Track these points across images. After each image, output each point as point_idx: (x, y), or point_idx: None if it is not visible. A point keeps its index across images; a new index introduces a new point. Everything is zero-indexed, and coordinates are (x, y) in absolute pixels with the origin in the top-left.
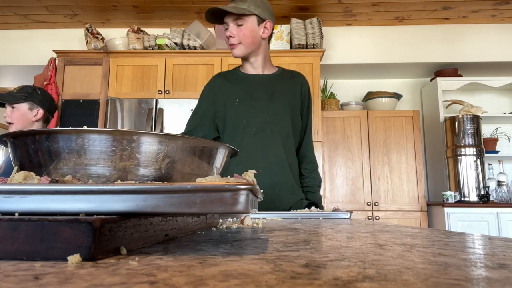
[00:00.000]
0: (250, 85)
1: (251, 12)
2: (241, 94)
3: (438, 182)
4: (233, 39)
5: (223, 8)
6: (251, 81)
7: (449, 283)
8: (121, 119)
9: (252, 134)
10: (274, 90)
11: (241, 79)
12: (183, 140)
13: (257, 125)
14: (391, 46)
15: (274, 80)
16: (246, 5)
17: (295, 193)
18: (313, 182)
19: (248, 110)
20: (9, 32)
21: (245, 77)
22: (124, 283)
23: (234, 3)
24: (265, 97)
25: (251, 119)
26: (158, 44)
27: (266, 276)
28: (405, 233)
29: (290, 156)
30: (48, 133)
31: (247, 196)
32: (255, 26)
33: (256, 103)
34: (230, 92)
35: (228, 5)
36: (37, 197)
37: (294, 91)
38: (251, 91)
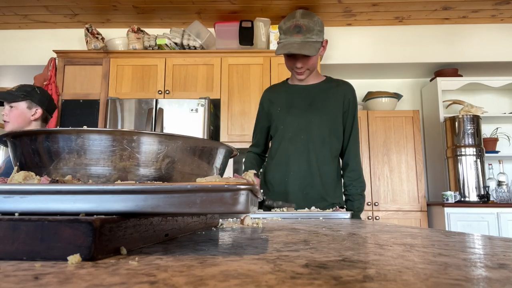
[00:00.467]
0: (291, 95)
1: (320, 41)
2: (283, 103)
3: (438, 182)
4: (303, 68)
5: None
6: (293, 91)
7: (449, 283)
8: (121, 119)
9: (288, 139)
10: (314, 99)
11: (285, 90)
12: (183, 140)
13: (292, 130)
14: (391, 46)
15: (316, 89)
16: (315, 35)
17: (324, 198)
18: (354, 190)
19: (286, 117)
20: (9, 32)
21: (289, 87)
22: (124, 283)
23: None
24: (303, 105)
25: (288, 125)
26: (158, 44)
27: (266, 276)
28: (405, 233)
29: (322, 162)
30: (48, 133)
31: (247, 196)
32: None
33: (294, 110)
34: (274, 103)
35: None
36: (37, 197)
37: (335, 100)
38: (291, 100)
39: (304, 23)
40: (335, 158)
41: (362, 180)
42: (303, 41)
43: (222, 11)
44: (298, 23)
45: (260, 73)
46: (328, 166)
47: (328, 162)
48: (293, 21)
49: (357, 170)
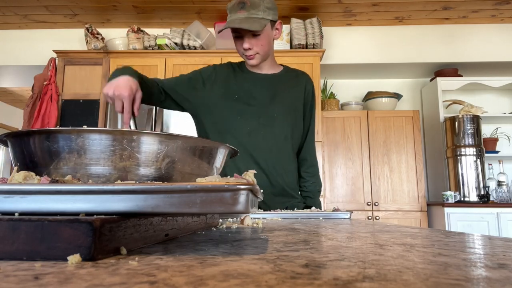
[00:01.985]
0: (252, 84)
1: (267, 20)
2: (241, 91)
3: (438, 182)
4: (252, 50)
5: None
6: (254, 80)
7: (449, 283)
8: (121, 119)
9: (246, 133)
10: (276, 92)
11: (245, 76)
12: (183, 140)
13: (252, 125)
14: (391, 46)
15: (277, 80)
16: (261, 12)
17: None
18: (313, 187)
19: (245, 109)
20: (9, 32)
21: (249, 75)
22: (124, 283)
23: (246, 11)
24: (265, 98)
25: (247, 118)
26: (158, 44)
27: (266, 276)
28: (405, 233)
29: (284, 160)
30: (48, 133)
31: (247, 196)
32: (270, 32)
33: (255, 102)
34: (231, 85)
35: (237, 13)
36: (37, 197)
37: (297, 92)
38: (252, 90)
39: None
40: (295, 155)
41: (319, 177)
42: (246, 17)
43: (222, 11)
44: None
45: None
46: (290, 163)
47: (290, 159)
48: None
49: (316, 166)
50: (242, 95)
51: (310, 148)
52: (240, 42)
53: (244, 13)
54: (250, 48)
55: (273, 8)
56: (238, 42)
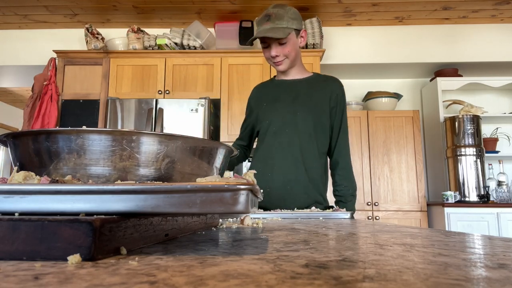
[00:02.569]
0: (277, 90)
1: (291, 29)
2: (269, 98)
3: (438, 182)
4: (279, 57)
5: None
6: (279, 86)
7: (449, 283)
8: (121, 119)
9: (273, 133)
10: (299, 93)
11: (272, 86)
12: (183, 140)
13: (277, 125)
14: (391, 46)
15: (302, 83)
16: (285, 22)
17: (309, 194)
18: (346, 191)
19: (271, 112)
20: (9, 32)
21: (277, 83)
22: (124, 283)
23: (271, 23)
24: (288, 99)
25: (273, 119)
26: (158, 44)
27: (266, 276)
28: (405, 233)
29: (308, 156)
30: (48, 133)
31: (247, 196)
32: (295, 40)
33: (279, 104)
34: (261, 99)
35: (263, 25)
36: (37, 197)
37: (322, 94)
38: (277, 94)
39: (273, 12)
40: (323, 155)
41: (353, 180)
42: (271, 27)
43: (222, 11)
44: (268, 12)
45: (260, 73)
46: (314, 161)
47: (315, 157)
48: (264, 12)
49: (348, 168)
50: (269, 101)
51: (342, 150)
52: (268, 51)
53: (269, 24)
54: (277, 55)
55: (297, 18)
56: (266, 51)
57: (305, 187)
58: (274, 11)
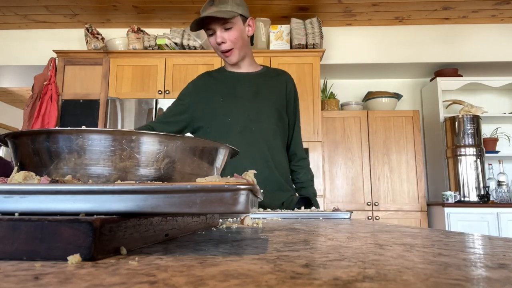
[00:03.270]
0: (234, 83)
1: (236, 13)
2: (226, 92)
3: (438, 182)
4: (225, 44)
5: (210, 15)
6: (235, 79)
7: (449, 283)
8: (121, 119)
9: (238, 132)
10: (258, 88)
11: (226, 78)
12: (183, 140)
13: (242, 123)
14: (391, 46)
15: (258, 78)
16: (229, 6)
17: (283, 190)
18: (305, 177)
19: (233, 108)
20: (9, 32)
21: (230, 75)
22: (124, 283)
23: (215, 7)
24: (249, 95)
25: (236, 117)
26: (158, 44)
27: (266, 276)
28: (405, 233)
29: (275, 154)
30: (48, 133)
31: (247, 196)
32: (242, 27)
33: (240, 101)
34: (214, 90)
35: (208, 10)
36: (37, 197)
37: (279, 89)
38: (235, 89)
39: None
40: (284, 149)
41: (310, 168)
42: (215, 11)
43: None
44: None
45: None
46: (281, 157)
47: (281, 152)
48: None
49: (306, 159)
50: (227, 95)
51: (298, 143)
52: (214, 38)
53: (213, 8)
54: (223, 42)
55: (242, 5)
56: (212, 39)
57: (279, 184)
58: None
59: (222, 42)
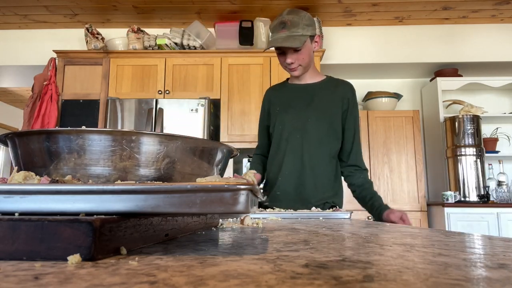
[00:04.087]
0: (290, 94)
1: (307, 36)
2: (282, 103)
3: (438, 182)
4: (294, 64)
5: (283, 45)
6: (292, 90)
7: (449, 283)
8: (121, 119)
9: (285, 139)
10: (312, 98)
11: (285, 89)
12: (183, 140)
13: (289, 130)
14: (391, 46)
15: (315, 88)
16: (300, 29)
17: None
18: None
19: (284, 117)
20: (9, 32)
21: (289, 87)
22: (124, 283)
23: (287, 30)
24: (300, 105)
25: (286, 125)
26: (158, 44)
27: (266, 276)
28: (405, 233)
29: (317, 162)
30: (48, 133)
31: (247, 196)
32: (310, 46)
33: (291, 110)
34: (275, 102)
35: (279, 33)
36: (37, 197)
37: (334, 99)
38: (290, 99)
39: (289, 19)
40: (333, 159)
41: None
42: (287, 35)
43: (222, 11)
44: (283, 19)
45: (260, 73)
46: (324, 166)
47: (325, 162)
48: (279, 19)
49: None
50: (282, 106)
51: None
52: (283, 58)
53: (285, 32)
54: (293, 63)
55: (311, 25)
56: (282, 58)
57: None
58: (289, 18)
59: (292, 62)
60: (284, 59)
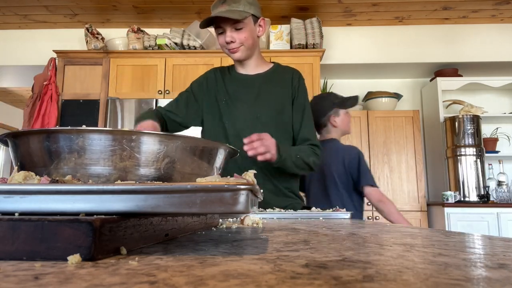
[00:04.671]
0: (237, 86)
1: (248, 13)
2: (229, 95)
3: (438, 182)
4: (234, 43)
5: (221, 15)
6: (239, 82)
7: (449, 283)
8: (121, 119)
9: (235, 135)
10: (260, 91)
11: (232, 79)
12: (183, 140)
13: (238, 127)
14: (391, 46)
15: (262, 79)
16: (241, 6)
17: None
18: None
19: (232, 112)
20: (9, 32)
21: (236, 77)
22: (124, 283)
23: (227, 5)
24: (249, 99)
25: (234, 121)
26: (158, 44)
27: (266, 276)
28: (405, 233)
29: None
30: (48, 133)
31: (247, 196)
32: (253, 26)
33: (240, 104)
34: (220, 91)
35: (219, 8)
36: (37, 197)
37: (283, 87)
38: (237, 92)
39: None
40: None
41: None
42: (227, 10)
43: None
44: None
45: None
46: None
47: None
48: None
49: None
50: (228, 98)
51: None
52: (223, 37)
53: (225, 6)
54: (232, 41)
55: (254, 4)
56: (221, 37)
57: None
58: None
59: (231, 41)
60: (223, 38)
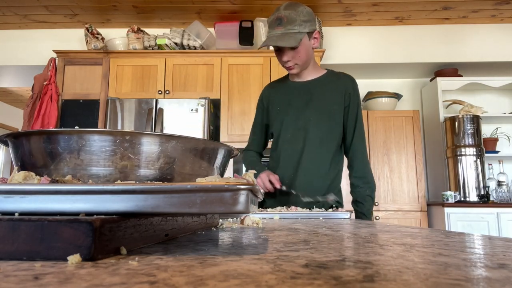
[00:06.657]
0: (290, 92)
1: (303, 33)
2: (282, 102)
3: (438, 182)
4: (291, 62)
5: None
6: (292, 89)
7: (449, 283)
8: (121, 119)
9: (286, 140)
10: (312, 96)
11: (284, 87)
12: (183, 141)
13: (290, 131)
14: (391, 46)
15: (315, 85)
16: (297, 26)
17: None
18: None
19: (285, 118)
20: (9, 32)
21: (288, 84)
22: (124, 283)
23: (283, 27)
24: (300, 104)
25: (286, 126)
26: (158, 44)
27: (266, 276)
28: (405, 233)
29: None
30: (48, 133)
31: (247, 196)
32: (308, 43)
33: (291, 110)
34: (274, 101)
35: (275, 29)
36: (37, 197)
37: (335, 94)
38: (290, 99)
39: (285, 15)
40: (335, 157)
41: (370, 180)
42: (282, 33)
43: (222, 11)
44: (280, 15)
45: (260, 73)
46: (325, 166)
47: (327, 162)
48: (276, 14)
49: (363, 170)
50: (282, 106)
51: (358, 153)
52: (280, 55)
53: (281, 29)
54: (289, 61)
55: (310, 20)
56: (279, 55)
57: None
58: (286, 13)
59: (288, 60)
60: (280, 57)
